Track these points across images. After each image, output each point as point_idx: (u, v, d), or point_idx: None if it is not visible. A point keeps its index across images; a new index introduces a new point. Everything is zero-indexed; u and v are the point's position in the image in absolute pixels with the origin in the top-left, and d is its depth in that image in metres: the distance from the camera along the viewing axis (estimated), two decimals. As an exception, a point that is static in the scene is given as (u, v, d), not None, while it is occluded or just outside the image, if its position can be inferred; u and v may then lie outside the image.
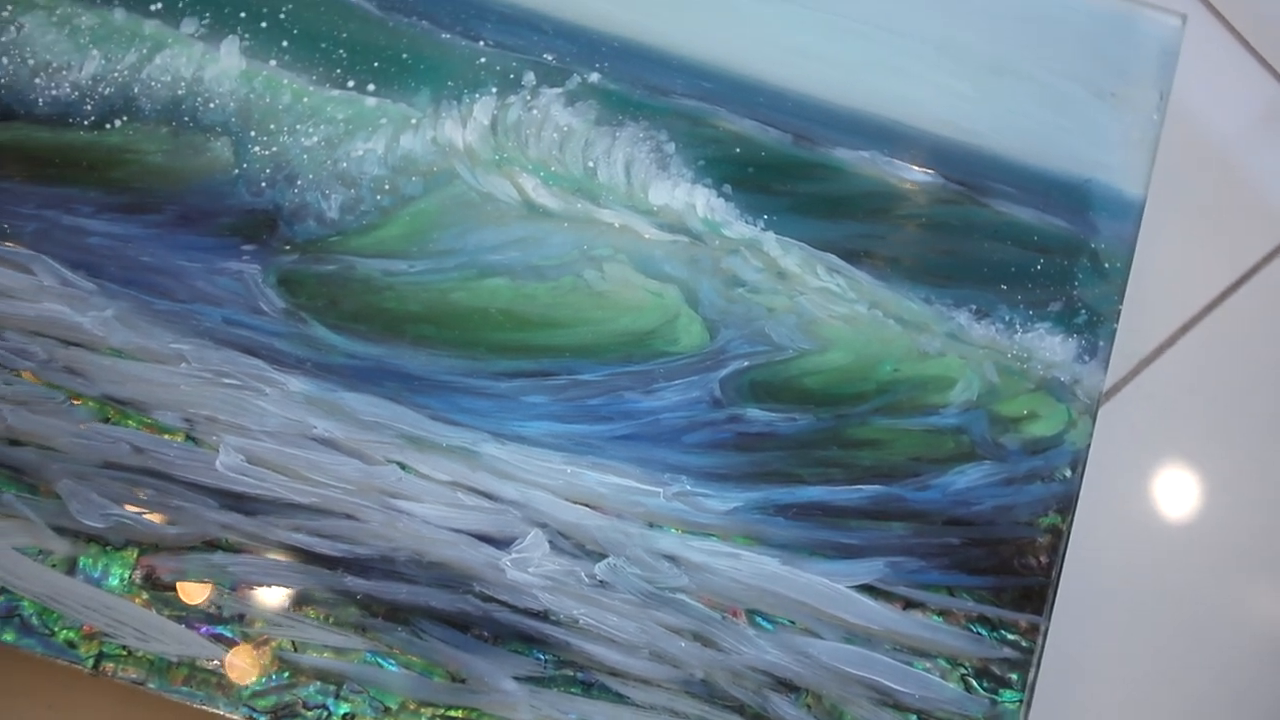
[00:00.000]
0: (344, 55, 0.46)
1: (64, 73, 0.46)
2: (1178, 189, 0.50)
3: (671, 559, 0.43)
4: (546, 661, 0.42)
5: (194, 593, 0.42)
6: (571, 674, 0.42)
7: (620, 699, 0.41)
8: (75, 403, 0.43)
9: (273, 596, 0.42)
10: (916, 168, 0.46)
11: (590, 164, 0.46)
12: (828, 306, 0.45)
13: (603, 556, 0.43)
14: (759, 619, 0.42)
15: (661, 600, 0.42)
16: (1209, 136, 0.52)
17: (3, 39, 0.46)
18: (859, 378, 0.44)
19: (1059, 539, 0.43)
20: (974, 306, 0.45)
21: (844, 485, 0.43)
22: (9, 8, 0.46)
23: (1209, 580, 0.49)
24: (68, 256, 0.44)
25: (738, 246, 0.45)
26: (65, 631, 0.42)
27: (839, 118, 0.46)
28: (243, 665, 0.41)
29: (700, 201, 0.45)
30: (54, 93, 0.46)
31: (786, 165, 0.46)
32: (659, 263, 0.45)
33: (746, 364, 0.44)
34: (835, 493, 0.43)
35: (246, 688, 0.41)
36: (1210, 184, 0.51)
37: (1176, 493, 0.49)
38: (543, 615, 0.42)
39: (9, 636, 0.41)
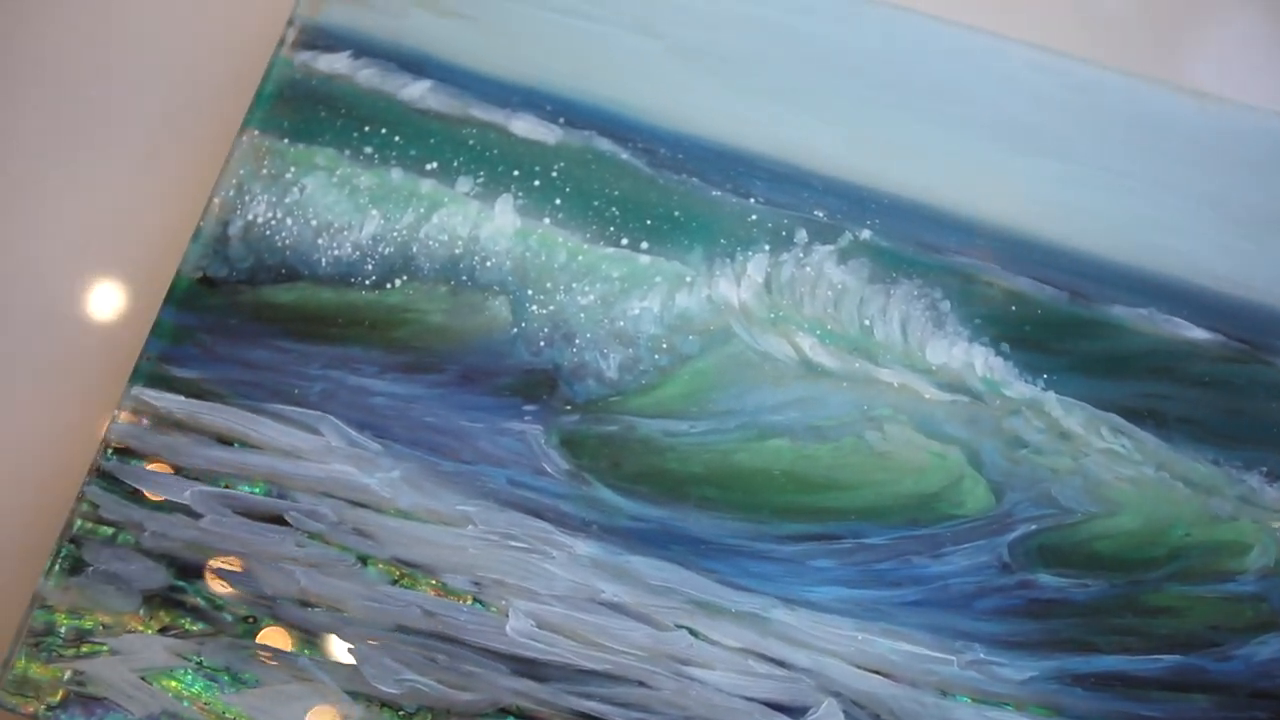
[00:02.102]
0: (616, 213, 0.47)
1: (345, 233, 0.47)
2: None
3: (969, 730, 0.42)
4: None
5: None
6: None
7: None
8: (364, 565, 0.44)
9: (568, 765, 0.42)
10: (1197, 325, 0.45)
11: (866, 322, 0.46)
12: (1114, 468, 0.44)
13: (898, 727, 0.42)
14: (1061, 794, 0.42)
15: (961, 773, 0.42)
16: None
17: (287, 200, 0.47)
18: (1150, 542, 0.44)
19: (1367, 712, 0.42)
20: (1264, 469, 0.44)
21: (1142, 655, 0.43)
22: (292, 169, 0.47)
23: None
24: (353, 417, 0.45)
25: (1019, 407, 0.45)
26: (362, 799, 0.42)
27: (1114, 274, 0.46)
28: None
29: (979, 360, 0.45)
30: (336, 253, 0.46)
31: (1064, 323, 0.46)
32: (940, 423, 0.45)
33: (1034, 528, 0.44)
34: (1133, 662, 0.43)
35: None
36: None
37: None
38: (841, 788, 0.42)
39: (309, 805, 0.42)
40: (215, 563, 0.43)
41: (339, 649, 0.43)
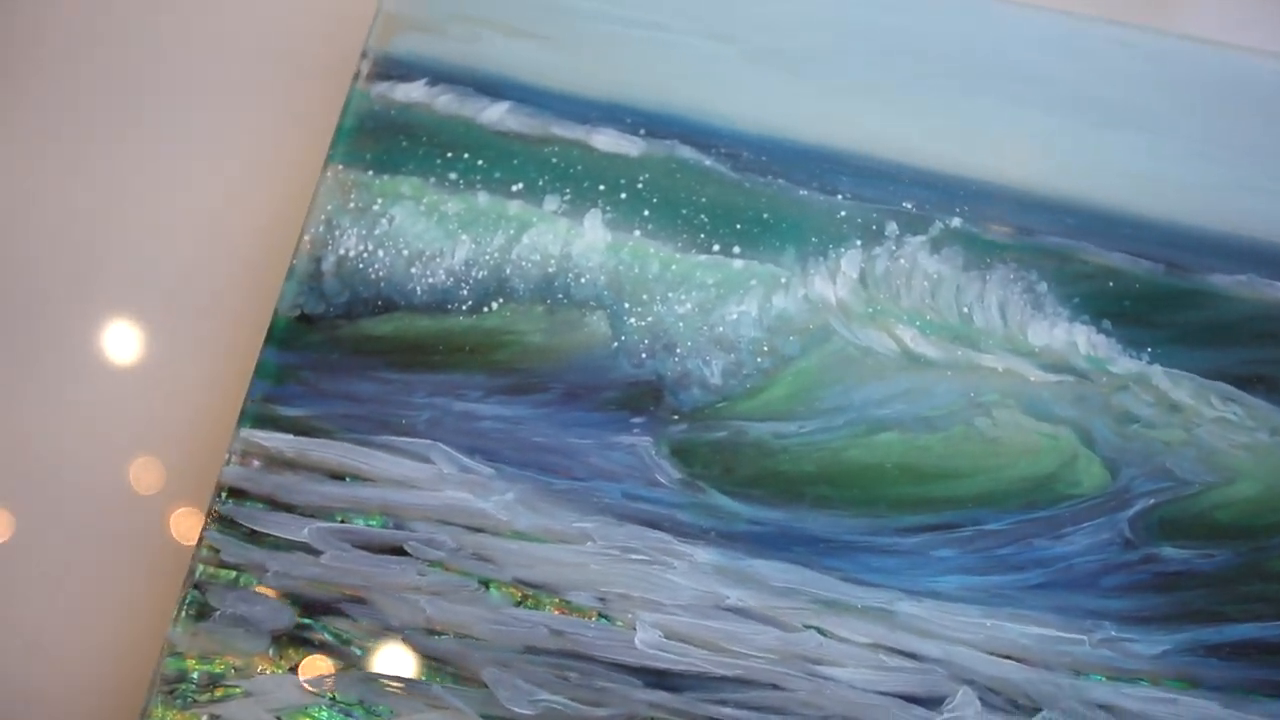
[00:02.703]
0: (705, 220, 0.47)
1: (437, 260, 0.47)
2: None
3: (1107, 708, 0.42)
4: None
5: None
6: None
7: None
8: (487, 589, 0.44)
9: (709, 774, 0.42)
10: (1296, 288, 0.46)
11: (965, 309, 0.46)
12: (1227, 436, 0.44)
13: (1036, 710, 0.42)
14: (1206, 766, 0.42)
15: (1104, 753, 0.42)
16: None
17: (377, 232, 0.47)
18: (1271, 508, 0.44)
19: None
20: (1378, 426, 0.44)
21: (1273, 621, 0.42)
22: (379, 201, 0.47)
23: None
24: (462, 443, 0.45)
25: (1126, 382, 0.45)
26: (507, 823, 0.42)
27: (1208, 243, 0.46)
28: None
29: (1081, 339, 0.45)
30: (430, 280, 0.46)
31: (1162, 296, 0.46)
32: (1048, 405, 0.45)
33: (1153, 501, 0.44)
34: (1265, 629, 0.42)
35: None
36: None
37: None
38: (985, 776, 0.42)
39: (456, 832, 0.42)
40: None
41: (471, 674, 0.43)
